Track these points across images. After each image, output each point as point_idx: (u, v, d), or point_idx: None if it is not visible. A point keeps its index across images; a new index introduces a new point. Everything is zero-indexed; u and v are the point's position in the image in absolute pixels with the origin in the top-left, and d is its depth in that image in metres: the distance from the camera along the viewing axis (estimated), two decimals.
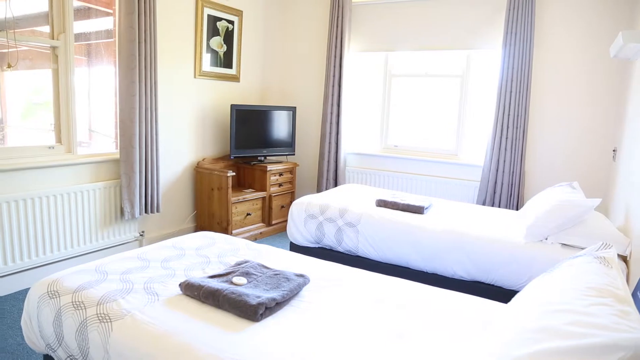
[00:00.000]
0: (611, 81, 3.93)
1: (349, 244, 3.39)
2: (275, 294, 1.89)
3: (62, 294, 1.96)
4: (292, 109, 5.05)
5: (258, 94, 5.46)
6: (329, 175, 5.12)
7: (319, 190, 5.16)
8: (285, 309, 1.90)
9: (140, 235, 4.04)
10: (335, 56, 4.97)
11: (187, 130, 4.49)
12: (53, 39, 3.38)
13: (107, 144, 3.96)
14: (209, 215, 4.47)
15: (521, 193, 4.30)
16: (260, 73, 5.46)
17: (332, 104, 5.03)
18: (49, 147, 3.42)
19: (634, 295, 1.91)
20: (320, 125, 5.32)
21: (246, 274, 2.11)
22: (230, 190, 4.29)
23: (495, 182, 4.35)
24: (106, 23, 3.87)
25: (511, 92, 4.19)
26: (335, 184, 5.11)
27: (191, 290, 1.94)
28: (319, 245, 3.58)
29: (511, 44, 4.12)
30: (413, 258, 3.17)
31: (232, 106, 4.54)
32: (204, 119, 4.66)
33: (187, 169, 4.53)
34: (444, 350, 1.62)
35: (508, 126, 4.24)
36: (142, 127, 3.74)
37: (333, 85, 5.01)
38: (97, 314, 1.81)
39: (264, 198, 4.76)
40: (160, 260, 2.36)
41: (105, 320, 1.78)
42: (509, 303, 1.83)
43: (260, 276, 2.10)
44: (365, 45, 5.02)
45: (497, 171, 4.33)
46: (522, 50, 4.10)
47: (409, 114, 5.02)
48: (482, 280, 2.98)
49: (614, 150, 3.80)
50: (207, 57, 4.59)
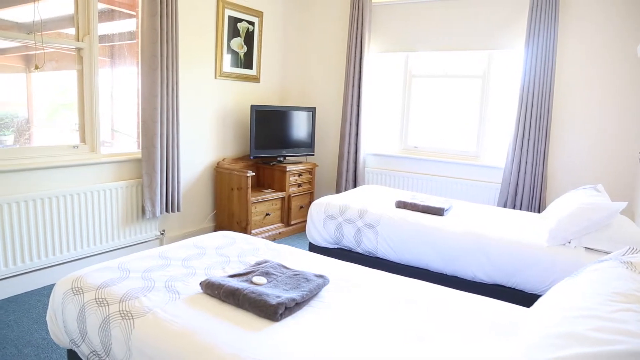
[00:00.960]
0: (637, 82, 3.85)
1: (368, 245, 3.38)
2: (295, 294, 1.89)
3: (86, 290, 1.99)
4: (312, 110, 5.06)
5: (278, 95, 5.49)
6: (348, 176, 5.11)
7: (338, 191, 5.16)
8: (305, 310, 1.90)
9: (161, 234, 4.09)
10: (355, 57, 4.96)
11: (207, 130, 4.53)
12: (78, 40, 3.45)
13: (129, 144, 4.02)
14: (228, 215, 4.50)
15: (543, 195, 4.23)
16: (280, 74, 5.49)
17: (351, 105, 5.02)
18: (74, 147, 3.49)
19: None
20: (339, 125, 5.31)
21: (266, 274, 2.12)
22: (249, 190, 4.32)
23: (517, 184, 4.29)
24: (129, 25, 3.93)
25: (533, 92, 4.12)
26: (355, 185, 5.10)
27: (211, 289, 1.95)
28: (338, 246, 3.58)
29: (534, 44, 4.06)
30: (433, 260, 3.14)
31: (252, 107, 4.57)
32: (224, 119, 4.70)
33: (207, 169, 4.57)
34: (465, 355, 1.60)
35: (530, 127, 4.18)
36: (164, 127, 3.79)
37: (353, 86, 5.00)
38: (119, 310, 1.84)
39: (283, 198, 4.78)
40: (181, 259, 2.39)
41: (127, 317, 1.80)
42: (531, 307, 1.80)
43: (280, 276, 2.11)
44: (386, 45, 5.00)
45: (518, 173, 4.27)
46: (545, 51, 4.04)
47: (429, 114, 4.98)
48: (502, 284, 2.94)
49: None
50: (227, 58, 4.63)
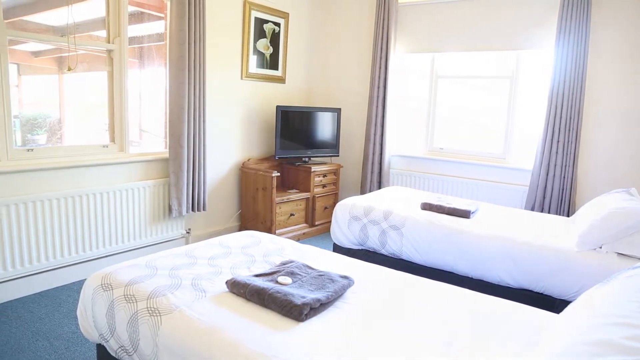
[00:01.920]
0: None
1: (392, 247, 3.36)
2: (320, 295, 1.89)
3: (115, 287, 2.03)
4: (337, 111, 5.06)
5: (303, 95, 5.50)
6: (373, 177, 5.09)
7: (362, 192, 5.14)
8: (330, 310, 1.90)
9: (187, 232, 4.15)
10: (380, 57, 4.94)
11: (233, 130, 4.58)
12: (109, 42, 3.52)
13: (156, 144, 4.09)
14: (253, 215, 4.54)
15: (573, 199, 4.14)
16: (306, 74, 5.50)
17: (377, 106, 5.00)
18: (103, 146, 3.56)
19: None
20: (364, 126, 5.30)
21: (291, 274, 2.12)
22: (274, 190, 4.34)
23: (545, 187, 4.20)
24: (158, 27, 4.00)
25: (564, 93, 4.03)
26: (379, 186, 5.08)
27: (237, 288, 1.97)
28: (363, 248, 3.57)
29: (565, 43, 3.97)
30: (458, 263, 3.10)
31: (278, 107, 4.59)
32: (249, 120, 4.74)
33: (233, 169, 4.62)
34: None
35: (560, 129, 4.09)
36: (190, 127, 3.84)
37: (378, 87, 4.98)
38: (147, 307, 1.87)
39: (307, 199, 4.79)
40: (207, 258, 2.42)
41: (155, 314, 1.83)
42: (561, 313, 1.76)
43: (305, 276, 2.11)
44: (411, 46, 4.96)
45: (547, 175, 4.18)
46: (576, 50, 3.94)
47: (455, 116, 4.93)
48: (529, 288, 2.88)
49: None
50: (253, 59, 4.67)
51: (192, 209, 4.02)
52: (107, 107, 3.62)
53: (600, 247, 2.71)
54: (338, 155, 5.17)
